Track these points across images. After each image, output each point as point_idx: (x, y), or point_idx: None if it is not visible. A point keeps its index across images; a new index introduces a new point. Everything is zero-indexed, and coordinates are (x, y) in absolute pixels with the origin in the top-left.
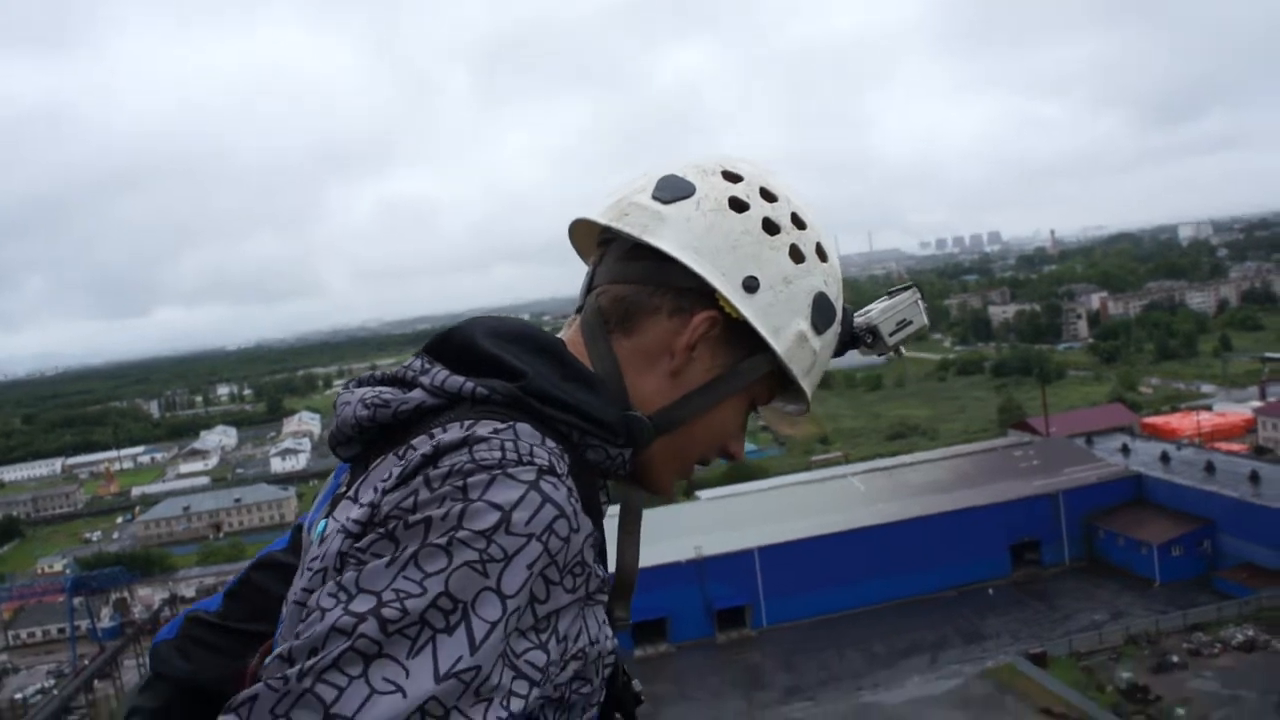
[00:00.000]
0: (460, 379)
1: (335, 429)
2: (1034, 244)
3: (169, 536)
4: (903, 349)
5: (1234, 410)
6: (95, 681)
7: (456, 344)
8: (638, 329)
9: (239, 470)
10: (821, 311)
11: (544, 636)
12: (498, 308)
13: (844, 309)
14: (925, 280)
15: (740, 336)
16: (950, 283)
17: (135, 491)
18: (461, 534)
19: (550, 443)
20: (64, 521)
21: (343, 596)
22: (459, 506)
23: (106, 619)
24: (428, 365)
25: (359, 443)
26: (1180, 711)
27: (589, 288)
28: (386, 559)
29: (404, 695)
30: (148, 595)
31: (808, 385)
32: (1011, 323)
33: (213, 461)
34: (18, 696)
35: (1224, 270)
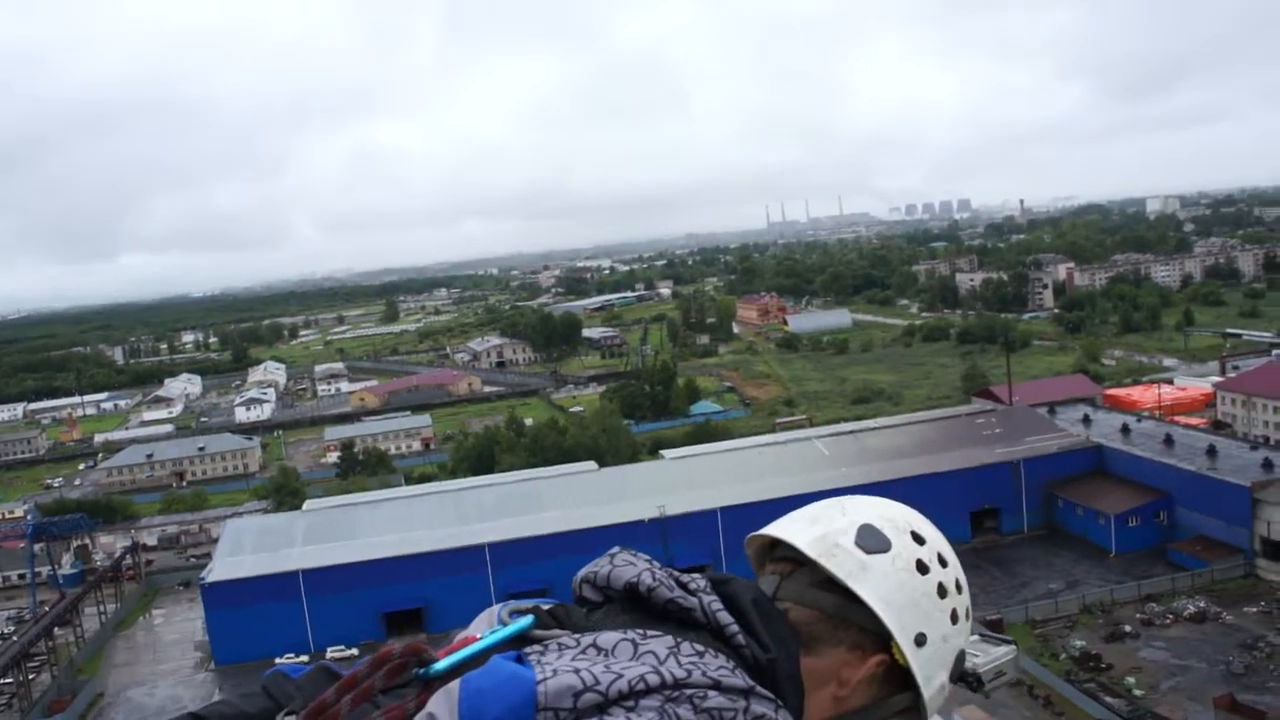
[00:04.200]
0: (730, 619)
1: (602, 576)
2: (1003, 212)
3: (131, 484)
4: (990, 694)
5: (1194, 384)
6: (55, 628)
7: (728, 592)
8: (817, 652)
9: (203, 418)
10: (958, 665)
11: None
12: (466, 261)
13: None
14: (894, 246)
15: (894, 676)
16: (919, 249)
17: (98, 438)
18: None
19: None
20: (25, 467)
21: None
22: None
23: (68, 565)
24: (708, 590)
25: (606, 596)
26: (1130, 680)
27: (773, 596)
28: None
29: None
30: (109, 543)
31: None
32: (978, 290)
33: (177, 409)
34: None
35: (1189, 245)
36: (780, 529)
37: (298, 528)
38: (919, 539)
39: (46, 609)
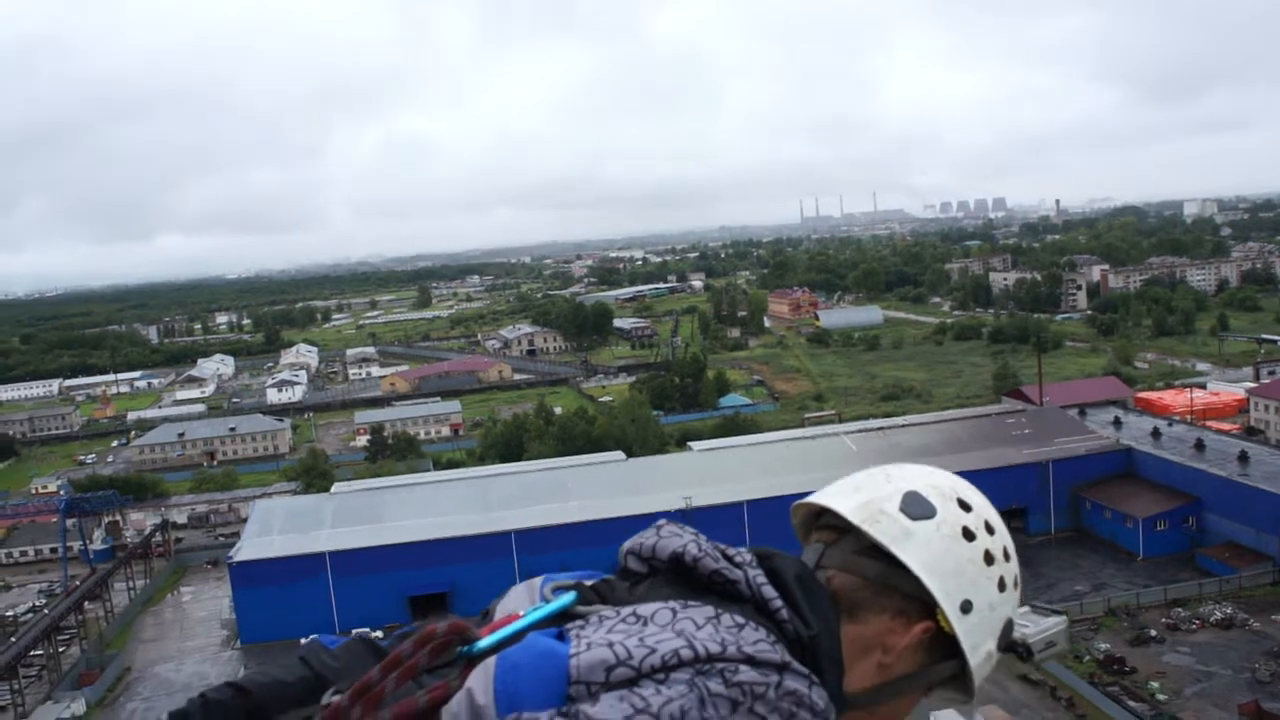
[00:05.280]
0: (774, 593)
1: (648, 547)
2: (1039, 212)
3: (163, 462)
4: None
5: (1227, 390)
6: (85, 602)
7: (771, 566)
8: (861, 619)
9: (235, 399)
10: (1005, 634)
11: None
12: (499, 249)
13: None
14: (928, 243)
15: (940, 644)
16: (953, 247)
17: (131, 416)
18: None
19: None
20: (59, 443)
21: None
22: None
23: (98, 541)
24: (754, 564)
25: (650, 567)
26: (1154, 685)
27: (817, 565)
28: None
29: None
30: (140, 519)
31: (978, 686)
32: (1011, 290)
33: (209, 389)
34: (9, 614)
35: (1226, 249)
36: (824, 497)
37: (326, 510)
38: (965, 506)
39: (77, 583)
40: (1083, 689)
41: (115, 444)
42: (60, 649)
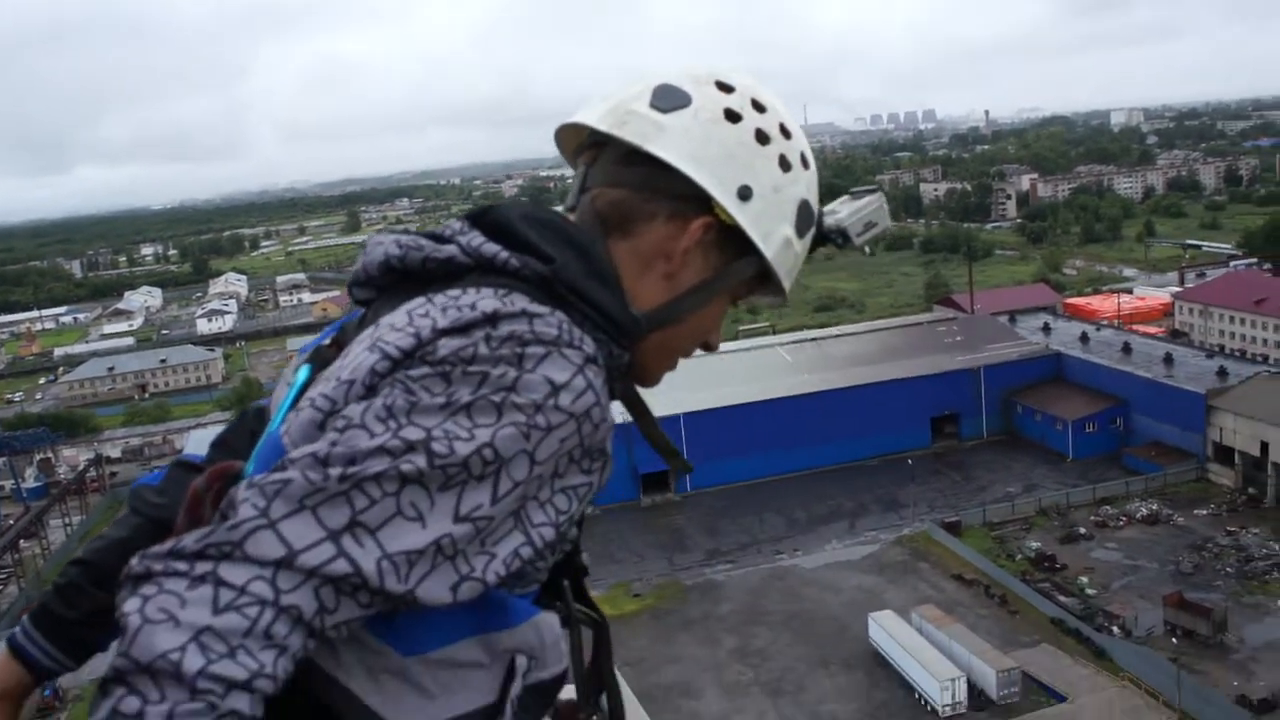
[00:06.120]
0: (496, 247)
1: (360, 268)
2: (968, 123)
3: (93, 397)
4: (868, 248)
5: (1153, 294)
6: (21, 541)
7: (491, 220)
8: (634, 232)
9: (164, 331)
10: (804, 217)
11: (549, 512)
12: (428, 171)
13: (818, 211)
14: (859, 156)
15: (730, 241)
16: (883, 159)
17: (58, 352)
18: (514, 398)
19: (590, 335)
20: None
21: (392, 424)
22: (514, 372)
23: (31, 479)
24: (465, 229)
25: (374, 287)
26: (1084, 580)
27: (582, 189)
28: (441, 400)
29: (423, 525)
30: (72, 455)
31: (788, 284)
32: (942, 201)
33: (137, 322)
34: None
35: (1152, 157)
36: (577, 114)
37: None
38: (726, 87)
39: (11, 522)
40: (1015, 586)
41: (43, 381)
42: None
